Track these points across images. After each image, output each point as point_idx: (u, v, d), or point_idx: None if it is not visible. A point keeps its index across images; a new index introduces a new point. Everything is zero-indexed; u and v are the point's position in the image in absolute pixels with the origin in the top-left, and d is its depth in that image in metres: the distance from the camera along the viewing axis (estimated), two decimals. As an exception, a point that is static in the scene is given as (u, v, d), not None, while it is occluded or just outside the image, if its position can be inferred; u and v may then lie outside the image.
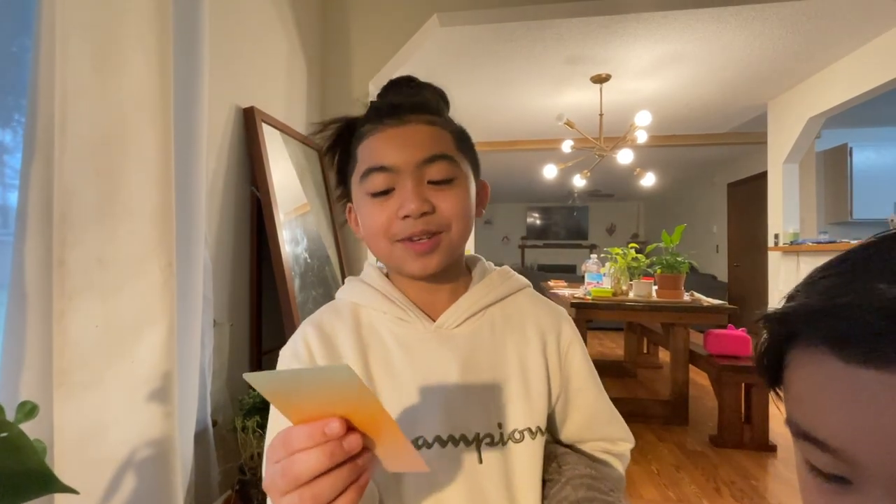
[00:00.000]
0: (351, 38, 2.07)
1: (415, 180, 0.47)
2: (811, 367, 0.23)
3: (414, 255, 0.48)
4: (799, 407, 0.24)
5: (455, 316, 0.52)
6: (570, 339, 0.56)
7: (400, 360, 0.50)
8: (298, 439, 0.30)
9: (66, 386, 0.69)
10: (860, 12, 2.33)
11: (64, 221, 0.70)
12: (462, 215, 0.48)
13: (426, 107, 0.50)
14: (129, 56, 0.77)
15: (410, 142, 0.48)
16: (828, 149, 3.97)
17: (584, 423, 0.57)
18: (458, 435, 0.48)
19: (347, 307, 0.54)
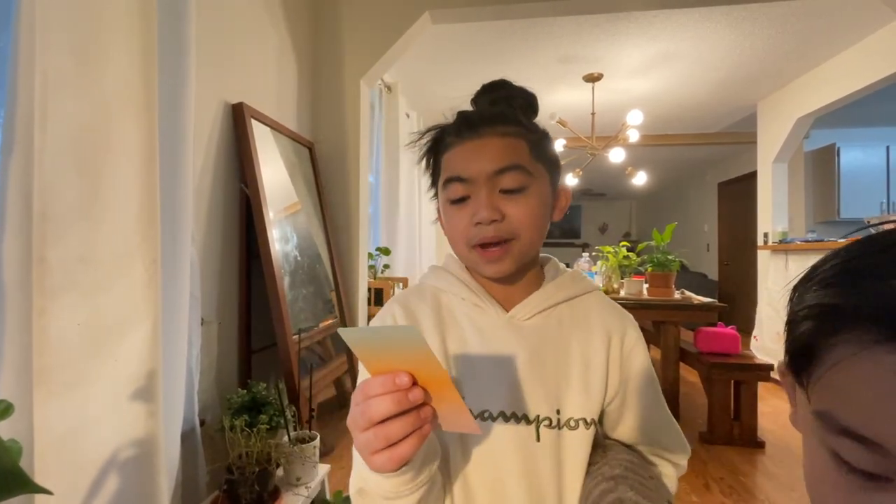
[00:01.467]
0: (342, 35, 2.06)
1: (487, 190, 0.51)
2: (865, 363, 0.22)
3: (486, 261, 0.53)
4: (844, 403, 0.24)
5: (527, 309, 0.56)
6: (635, 342, 0.59)
7: (474, 341, 0.55)
8: (374, 387, 0.36)
9: (46, 385, 0.68)
10: (849, 13, 2.36)
11: (44, 218, 0.69)
12: (531, 224, 0.52)
13: (502, 118, 0.54)
14: (112, 50, 0.75)
15: (485, 154, 0.52)
16: (816, 149, 4.02)
17: (638, 426, 0.59)
18: (521, 413, 0.52)
19: (430, 291, 0.60)
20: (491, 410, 0.52)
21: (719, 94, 3.51)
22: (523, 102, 0.58)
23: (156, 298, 0.79)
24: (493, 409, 0.52)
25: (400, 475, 0.40)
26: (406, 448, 0.36)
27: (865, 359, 0.22)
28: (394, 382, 0.35)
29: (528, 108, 0.58)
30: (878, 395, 0.22)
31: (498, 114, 0.54)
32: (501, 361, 0.54)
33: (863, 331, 0.22)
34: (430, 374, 0.36)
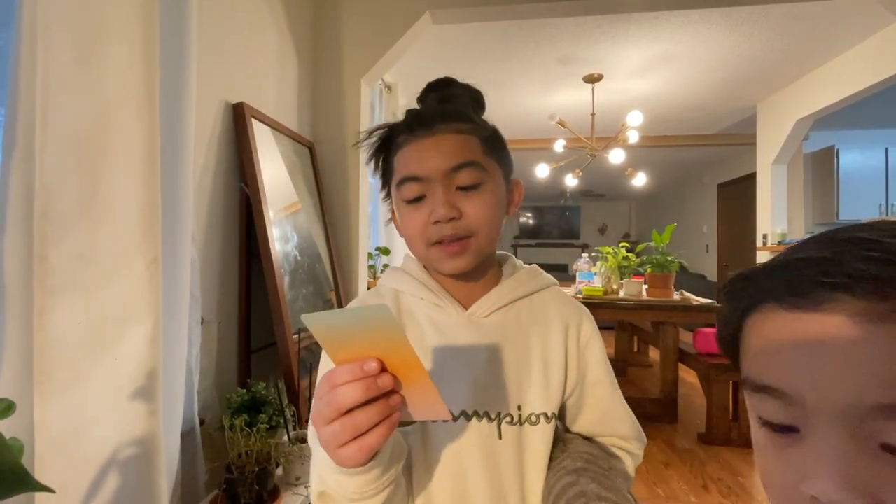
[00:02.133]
0: (343, 34, 2.06)
1: (444, 187, 0.51)
2: (763, 323, 0.26)
3: (446, 257, 0.52)
4: (753, 362, 0.27)
5: (486, 306, 0.56)
6: (591, 334, 0.60)
7: (434, 341, 0.55)
8: (341, 375, 0.35)
9: (47, 384, 0.68)
10: (848, 16, 2.36)
11: (45, 217, 0.69)
12: (488, 220, 0.52)
13: (455, 115, 0.54)
14: (114, 49, 0.75)
15: (439, 151, 0.51)
16: (815, 150, 4.03)
17: (596, 418, 0.59)
18: (482, 411, 0.52)
19: (389, 292, 0.60)
20: (452, 410, 0.52)
21: (719, 96, 3.51)
22: (470, 99, 0.58)
23: (156, 298, 0.79)
24: (454, 409, 0.52)
25: (366, 472, 0.38)
26: (375, 438, 0.35)
27: (763, 320, 0.26)
28: (362, 369, 0.34)
29: (476, 104, 0.58)
30: (774, 346, 0.25)
31: (451, 111, 0.54)
32: (462, 360, 0.54)
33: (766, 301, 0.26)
34: (399, 359, 0.35)
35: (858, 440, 0.22)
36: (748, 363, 0.27)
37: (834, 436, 0.22)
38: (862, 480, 0.21)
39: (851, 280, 0.22)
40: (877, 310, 0.21)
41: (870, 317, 0.22)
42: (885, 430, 0.21)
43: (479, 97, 0.59)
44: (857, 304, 0.22)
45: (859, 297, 0.22)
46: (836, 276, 0.22)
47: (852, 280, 0.22)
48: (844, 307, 0.22)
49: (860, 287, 0.22)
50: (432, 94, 0.58)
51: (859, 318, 0.22)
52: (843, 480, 0.21)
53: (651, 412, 2.58)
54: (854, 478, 0.21)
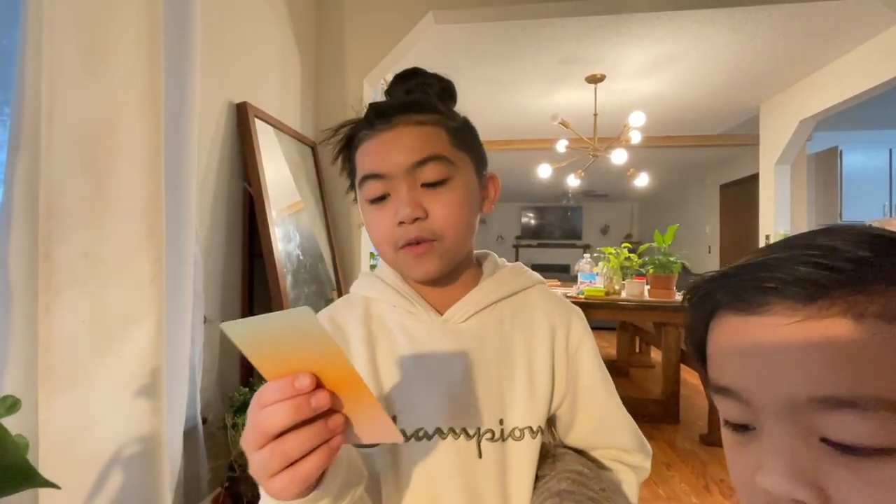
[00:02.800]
0: (346, 34, 2.06)
1: (407, 185, 0.47)
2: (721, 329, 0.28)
3: (414, 260, 0.48)
4: (712, 366, 0.28)
5: (463, 311, 0.52)
6: (581, 336, 0.55)
7: (406, 352, 0.50)
8: (269, 394, 0.30)
9: (51, 381, 0.68)
10: (851, 16, 2.36)
11: (50, 215, 0.69)
12: (456, 220, 0.48)
13: (417, 106, 0.50)
14: (119, 49, 0.76)
15: (400, 145, 0.48)
16: (819, 151, 4.01)
17: (591, 428, 0.55)
18: (459, 428, 0.48)
19: (360, 300, 0.56)
20: (426, 428, 0.47)
21: (722, 96, 3.51)
22: (439, 89, 0.54)
23: (160, 296, 0.79)
24: (428, 427, 0.47)
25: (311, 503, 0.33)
26: (310, 466, 0.30)
27: (718, 326, 0.28)
28: (292, 386, 0.30)
29: (445, 94, 0.54)
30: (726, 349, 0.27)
31: (412, 101, 0.50)
32: (437, 371, 0.49)
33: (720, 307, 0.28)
34: (338, 374, 0.30)
35: (801, 434, 0.23)
36: (710, 367, 0.29)
37: (779, 431, 0.24)
38: (805, 472, 0.23)
39: (782, 284, 0.24)
40: (805, 310, 0.23)
41: (799, 317, 0.23)
42: (823, 424, 0.23)
43: (450, 87, 0.55)
44: (789, 306, 0.24)
45: (788, 298, 0.24)
46: (769, 281, 0.24)
47: (783, 283, 0.24)
48: (778, 309, 0.24)
49: (789, 290, 0.24)
50: (399, 85, 0.54)
51: (790, 319, 0.23)
52: (789, 472, 0.23)
53: (653, 413, 2.58)
54: (798, 470, 0.23)
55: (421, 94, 0.52)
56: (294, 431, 0.30)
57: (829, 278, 0.23)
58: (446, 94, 0.54)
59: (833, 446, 0.22)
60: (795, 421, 0.23)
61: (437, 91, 0.53)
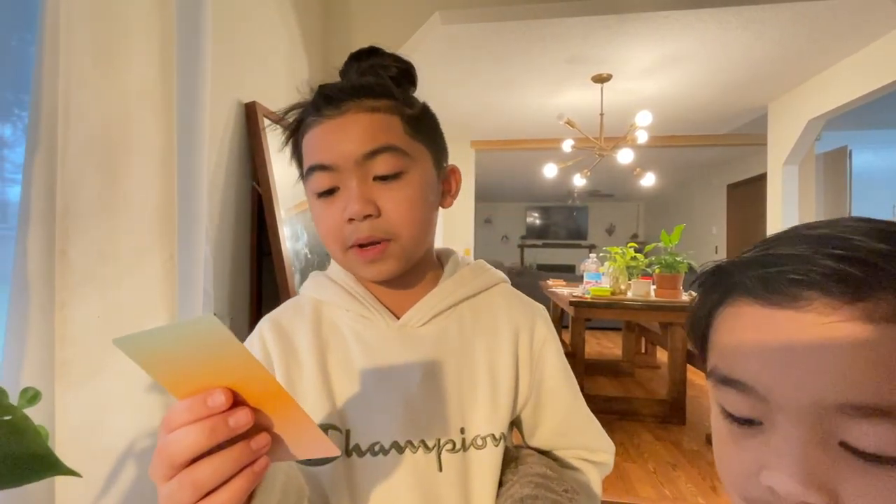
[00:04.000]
0: (352, 35, 2.07)
1: (358, 178, 0.43)
2: (736, 318, 0.26)
3: (364, 263, 0.44)
4: (722, 355, 0.27)
5: (420, 314, 0.49)
6: (545, 337, 0.53)
7: (360, 361, 0.47)
8: (177, 414, 0.26)
9: (67, 376, 0.70)
10: (860, 15, 2.34)
11: (66, 213, 0.71)
12: (412, 217, 0.44)
13: (369, 90, 0.45)
14: (132, 50, 0.77)
15: (350, 134, 0.43)
16: (827, 151, 3.98)
17: (557, 429, 0.53)
18: (417, 441, 0.45)
19: (310, 303, 0.51)
20: (382, 442, 0.44)
21: (729, 96, 3.49)
22: (397, 71, 0.49)
23: (172, 293, 0.81)
24: (384, 441, 0.44)
25: None
26: (228, 496, 0.26)
27: (730, 314, 0.26)
28: (204, 404, 0.26)
29: (404, 77, 0.50)
30: (740, 340, 0.25)
31: (364, 85, 0.46)
32: (392, 381, 0.46)
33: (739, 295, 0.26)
34: (260, 387, 0.26)
35: (819, 437, 0.22)
36: (717, 355, 0.27)
37: (795, 432, 0.23)
38: (820, 476, 0.22)
39: (825, 279, 0.22)
40: (849, 310, 0.22)
41: (841, 317, 0.22)
42: (845, 429, 0.22)
43: (409, 70, 0.50)
44: (830, 304, 0.22)
45: (832, 296, 0.22)
46: (811, 275, 0.22)
47: (825, 279, 0.22)
48: (816, 306, 0.22)
49: (834, 287, 0.22)
50: (353, 64, 0.50)
51: (830, 319, 0.22)
52: (801, 475, 0.22)
53: (659, 413, 2.57)
54: (812, 473, 0.22)
55: (374, 76, 0.48)
56: (207, 458, 0.26)
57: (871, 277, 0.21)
58: (405, 78, 0.50)
59: (852, 452, 0.22)
60: (815, 424, 0.22)
61: (395, 74, 0.49)
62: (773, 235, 0.27)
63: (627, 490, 1.85)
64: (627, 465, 2.04)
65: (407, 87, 0.50)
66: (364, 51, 0.50)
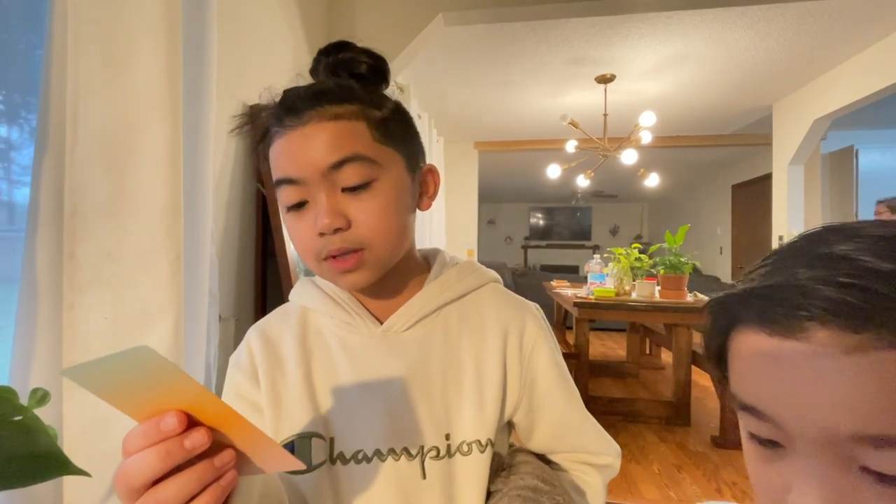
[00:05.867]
0: (356, 37, 2.07)
1: (325, 191, 0.42)
2: (746, 345, 0.26)
3: (340, 274, 0.43)
4: (738, 381, 0.27)
5: (404, 319, 0.48)
6: (536, 337, 0.50)
7: (344, 368, 0.47)
8: (133, 438, 0.27)
9: (75, 376, 0.70)
10: (866, 13, 2.32)
11: (74, 215, 0.71)
12: (384, 227, 0.43)
13: (330, 96, 0.43)
14: (140, 52, 0.78)
15: (313, 146, 0.41)
16: (833, 151, 3.95)
17: (552, 432, 0.51)
18: (401, 448, 0.44)
19: (297, 311, 0.51)
20: (365, 450, 0.44)
21: (734, 96, 3.47)
22: (367, 68, 0.47)
23: (178, 295, 0.81)
24: (367, 448, 0.44)
25: None
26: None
27: (742, 341, 0.26)
28: (158, 429, 0.26)
29: (375, 74, 0.47)
30: (751, 369, 0.26)
31: (324, 90, 0.44)
32: (376, 388, 0.46)
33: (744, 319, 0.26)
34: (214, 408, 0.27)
35: (839, 463, 0.22)
36: (734, 380, 0.28)
37: (815, 459, 0.23)
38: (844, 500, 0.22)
39: (825, 312, 0.22)
40: (850, 341, 0.21)
41: (844, 348, 0.21)
42: (864, 456, 0.22)
43: (381, 66, 0.47)
44: (831, 336, 0.22)
45: (832, 328, 0.22)
46: (809, 309, 0.22)
47: (826, 312, 0.22)
48: (818, 338, 0.22)
49: (834, 319, 0.22)
50: (322, 60, 0.47)
51: (833, 350, 0.22)
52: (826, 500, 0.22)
53: (664, 415, 2.56)
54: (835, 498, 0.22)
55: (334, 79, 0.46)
56: (171, 478, 0.26)
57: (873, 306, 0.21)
58: (375, 75, 0.47)
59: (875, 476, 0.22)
60: (834, 451, 0.22)
61: (364, 70, 0.46)
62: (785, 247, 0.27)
63: (632, 492, 1.84)
64: (632, 466, 2.03)
65: (378, 84, 0.48)
66: (333, 45, 0.47)
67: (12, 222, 0.87)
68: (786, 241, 0.28)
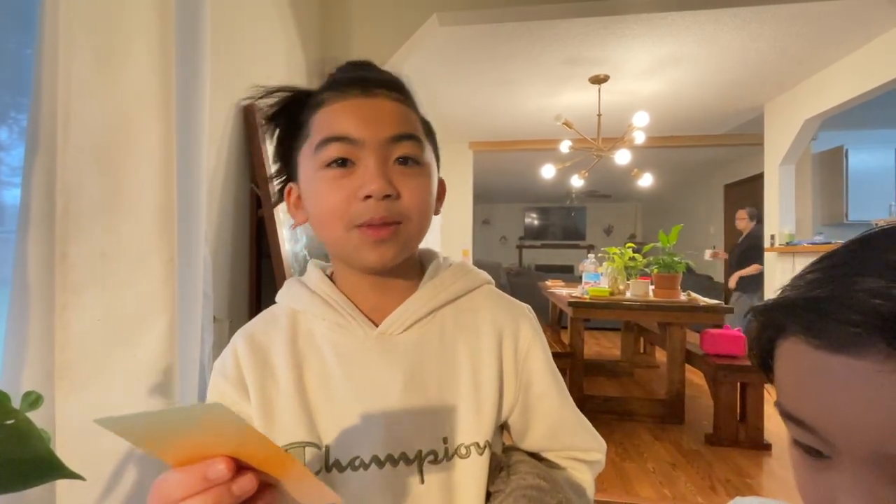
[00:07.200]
0: (350, 38, 2.08)
1: (380, 158, 0.42)
2: (792, 355, 0.25)
3: (371, 244, 0.42)
4: (783, 391, 0.26)
5: (400, 321, 0.47)
6: (531, 339, 0.51)
7: (337, 373, 0.45)
8: (175, 488, 0.26)
9: (67, 379, 0.70)
10: (856, 16, 2.35)
11: (66, 215, 0.71)
12: (423, 208, 0.45)
13: (396, 84, 0.46)
14: (133, 52, 0.77)
15: (378, 115, 0.43)
16: (824, 151, 4.00)
17: (547, 432, 0.52)
18: (399, 454, 0.44)
19: (285, 314, 0.49)
20: (362, 457, 0.43)
21: (726, 96, 3.51)
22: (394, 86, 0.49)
23: (172, 295, 0.81)
24: (364, 456, 0.43)
25: None
26: None
27: (788, 350, 0.26)
28: (205, 478, 0.25)
29: None
30: (797, 380, 0.25)
31: (392, 78, 0.47)
32: (371, 392, 0.45)
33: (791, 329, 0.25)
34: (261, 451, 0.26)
35: (887, 479, 0.22)
36: (779, 389, 0.27)
37: (861, 476, 0.22)
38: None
39: (878, 329, 0.21)
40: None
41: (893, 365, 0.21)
42: None
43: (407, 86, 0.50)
44: (882, 352, 0.21)
45: (884, 345, 0.21)
46: (862, 325, 0.21)
47: (878, 329, 0.21)
48: (870, 353, 0.21)
49: (886, 336, 0.20)
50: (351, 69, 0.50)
51: (884, 367, 0.21)
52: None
53: (658, 413, 2.57)
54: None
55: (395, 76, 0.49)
56: None
57: None
58: None
59: None
60: (881, 469, 0.22)
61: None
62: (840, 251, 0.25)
63: (627, 490, 1.86)
64: (627, 464, 2.04)
65: None
66: (363, 62, 0.51)
67: (2, 223, 0.86)
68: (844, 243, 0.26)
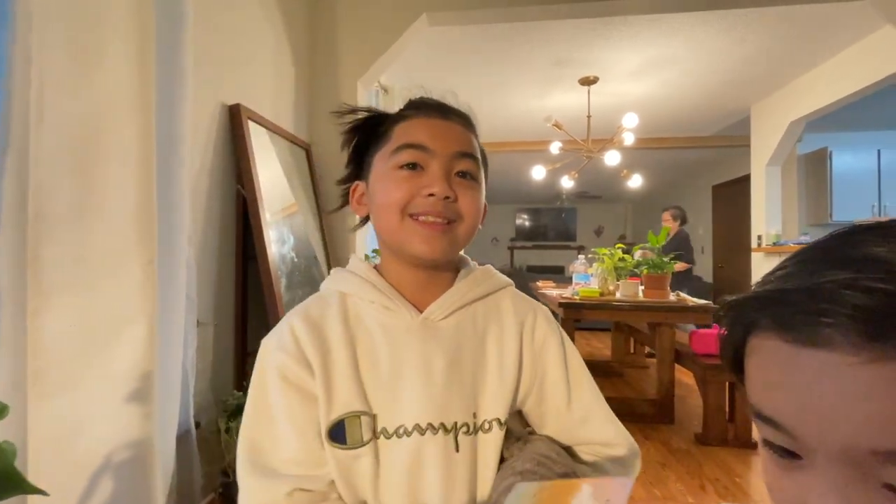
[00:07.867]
0: (339, 36, 2.06)
1: (445, 167, 0.50)
2: (762, 351, 0.25)
3: (424, 236, 0.50)
4: (755, 391, 0.26)
5: (442, 308, 0.53)
6: (546, 333, 0.57)
7: (385, 350, 0.51)
8: None
9: (40, 386, 0.67)
10: (839, 19, 2.39)
11: (39, 217, 0.68)
12: (475, 213, 0.53)
13: (464, 116, 0.56)
14: (109, 49, 0.75)
15: (449, 133, 0.52)
16: (808, 152, 4.06)
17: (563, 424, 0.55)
18: (438, 423, 0.49)
19: (335, 296, 0.55)
20: (406, 425, 0.49)
21: (714, 98, 3.54)
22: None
23: (152, 299, 0.79)
24: (408, 424, 0.49)
25: None
26: None
27: (759, 346, 0.25)
28: None
29: None
30: (767, 378, 0.24)
31: (463, 112, 0.57)
32: (417, 369, 0.51)
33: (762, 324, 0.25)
34: None
35: (860, 479, 0.21)
36: (750, 389, 0.26)
37: (834, 474, 0.22)
38: None
39: (849, 319, 0.20)
40: (873, 351, 0.20)
41: (867, 357, 0.20)
42: (885, 473, 0.21)
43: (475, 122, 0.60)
44: (854, 344, 0.20)
45: (855, 336, 0.20)
46: (832, 315, 0.21)
47: (849, 319, 0.20)
48: (842, 345, 0.21)
49: (857, 326, 0.20)
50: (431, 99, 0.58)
51: (855, 359, 0.20)
52: None
53: (648, 413, 2.58)
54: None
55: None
56: None
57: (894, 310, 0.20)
58: None
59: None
60: (853, 467, 0.21)
61: None
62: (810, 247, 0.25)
63: (618, 490, 1.85)
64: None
65: None
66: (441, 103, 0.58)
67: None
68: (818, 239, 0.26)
